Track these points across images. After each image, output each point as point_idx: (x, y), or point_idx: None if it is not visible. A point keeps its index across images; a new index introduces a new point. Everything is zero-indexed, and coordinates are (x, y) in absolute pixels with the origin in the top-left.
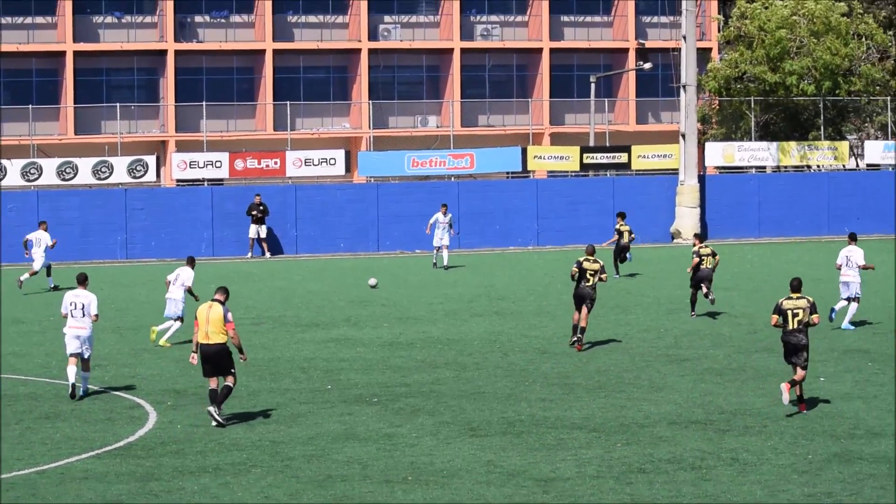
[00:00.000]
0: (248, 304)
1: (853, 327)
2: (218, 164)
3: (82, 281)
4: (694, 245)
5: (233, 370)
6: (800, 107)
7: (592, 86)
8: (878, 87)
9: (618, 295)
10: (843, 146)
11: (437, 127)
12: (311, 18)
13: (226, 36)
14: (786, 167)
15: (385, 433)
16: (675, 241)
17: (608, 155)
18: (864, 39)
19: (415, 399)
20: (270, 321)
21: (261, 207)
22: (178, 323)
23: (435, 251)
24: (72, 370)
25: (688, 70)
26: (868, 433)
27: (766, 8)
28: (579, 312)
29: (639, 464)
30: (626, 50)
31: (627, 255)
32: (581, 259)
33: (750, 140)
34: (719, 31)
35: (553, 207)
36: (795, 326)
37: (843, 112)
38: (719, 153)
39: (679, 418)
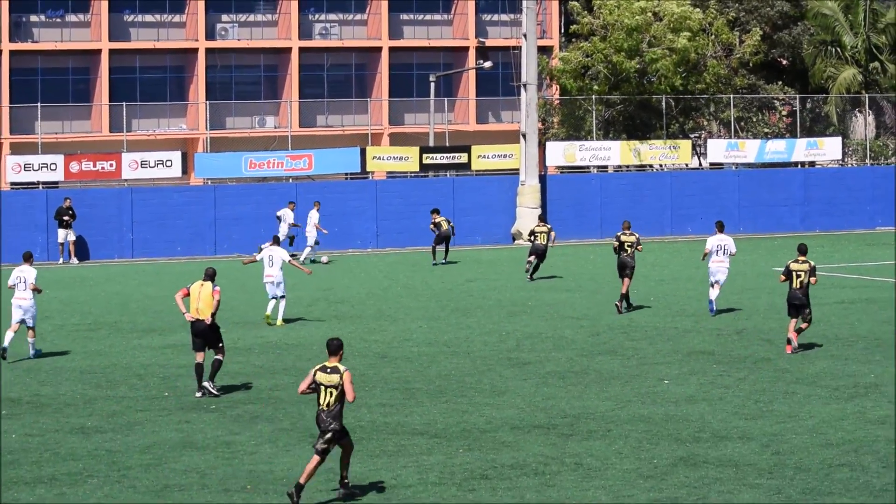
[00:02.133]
0: (84, 309)
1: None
2: (53, 167)
3: (28, 258)
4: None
5: (221, 344)
6: (644, 104)
7: (432, 85)
8: (721, 85)
9: (458, 297)
10: (686, 145)
11: (275, 128)
12: (148, 17)
13: (61, 35)
14: (628, 166)
15: (223, 441)
16: (516, 242)
17: (448, 155)
18: (711, 37)
19: (253, 406)
20: (106, 327)
21: (70, 212)
22: (283, 300)
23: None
24: (9, 335)
25: (528, 68)
26: (713, 436)
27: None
28: (622, 281)
29: (481, 470)
30: (467, 48)
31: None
32: (618, 233)
33: (592, 139)
34: (575, 23)
35: (392, 209)
36: (798, 286)
37: (687, 110)
38: (560, 153)
39: (522, 423)
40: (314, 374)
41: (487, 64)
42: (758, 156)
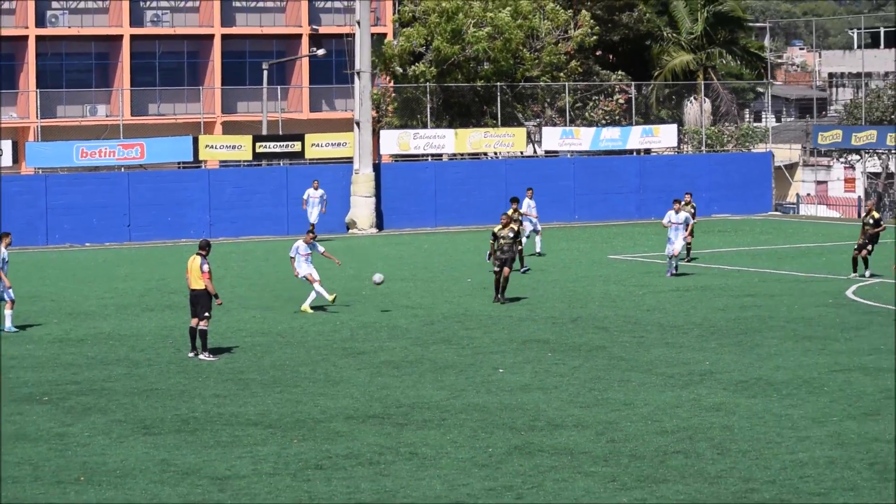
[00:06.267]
0: None
1: None
2: None
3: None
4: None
5: (207, 314)
6: (477, 91)
7: (265, 73)
8: (556, 71)
9: (292, 287)
10: (521, 132)
11: (107, 116)
12: None
13: None
14: (462, 155)
15: (56, 433)
16: (350, 231)
17: (281, 144)
18: (545, 20)
19: (86, 397)
20: None
21: None
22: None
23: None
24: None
25: (362, 56)
26: (549, 425)
27: None
28: None
29: (316, 460)
30: (300, 36)
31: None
32: None
33: (426, 127)
34: (395, 13)
35: (225, 198)
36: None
37: (521, 97)
38: (394, 141)
39: (356, 413)
40: None
41: (321, 51)
42: (592, 143)
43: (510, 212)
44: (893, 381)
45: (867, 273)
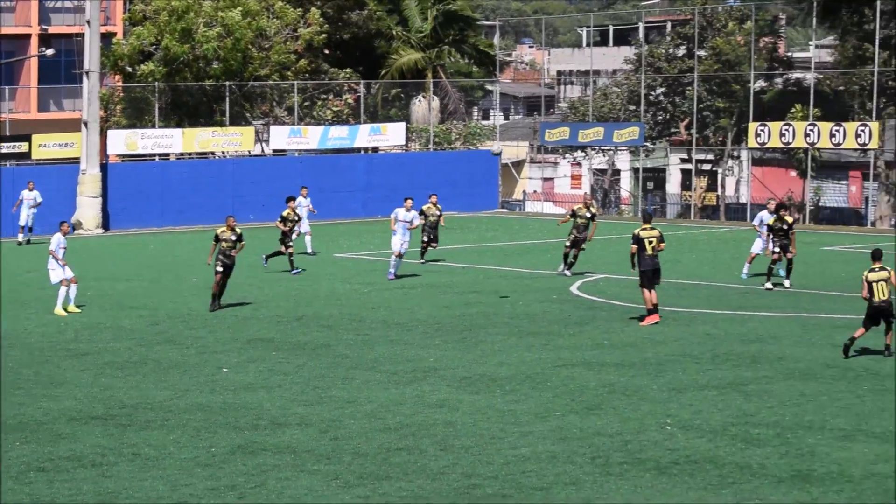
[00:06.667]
0: None
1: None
2: None
3: None
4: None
5: None
6: (205, 90)
7: None
8: (285, 70)
9: (16, 289)
10: (249, 132)
11: None
12: None
13: None
14: (190, 154)
15: None
16: (76, 231)
17: (8, 144)
18: (274, 19)
19: None
20: None
21: None
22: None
23: None
24: None
25: (91, 56)
26: (272, 424)
27: None
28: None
29: (38, 462)
30: (29, 36)
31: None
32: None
33: (154, 127)
34: (125, 12)
35: None
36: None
37: (250, 96)
38: (122, 141)
39: (79, 414)
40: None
41: (49, 51)
42: (321, 142)
43: (286, 212)
44: (615, 376)
45: (568, 272)
